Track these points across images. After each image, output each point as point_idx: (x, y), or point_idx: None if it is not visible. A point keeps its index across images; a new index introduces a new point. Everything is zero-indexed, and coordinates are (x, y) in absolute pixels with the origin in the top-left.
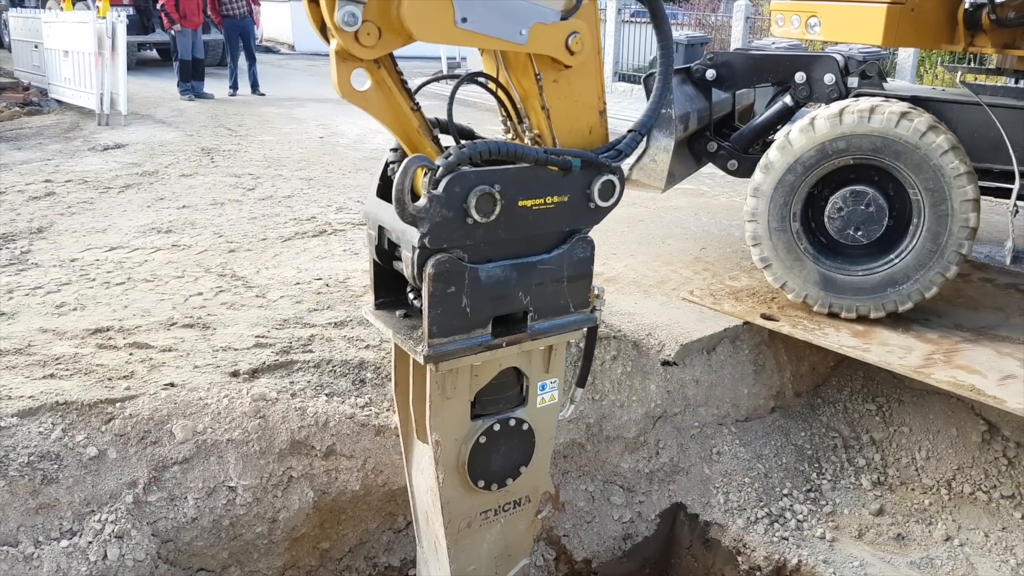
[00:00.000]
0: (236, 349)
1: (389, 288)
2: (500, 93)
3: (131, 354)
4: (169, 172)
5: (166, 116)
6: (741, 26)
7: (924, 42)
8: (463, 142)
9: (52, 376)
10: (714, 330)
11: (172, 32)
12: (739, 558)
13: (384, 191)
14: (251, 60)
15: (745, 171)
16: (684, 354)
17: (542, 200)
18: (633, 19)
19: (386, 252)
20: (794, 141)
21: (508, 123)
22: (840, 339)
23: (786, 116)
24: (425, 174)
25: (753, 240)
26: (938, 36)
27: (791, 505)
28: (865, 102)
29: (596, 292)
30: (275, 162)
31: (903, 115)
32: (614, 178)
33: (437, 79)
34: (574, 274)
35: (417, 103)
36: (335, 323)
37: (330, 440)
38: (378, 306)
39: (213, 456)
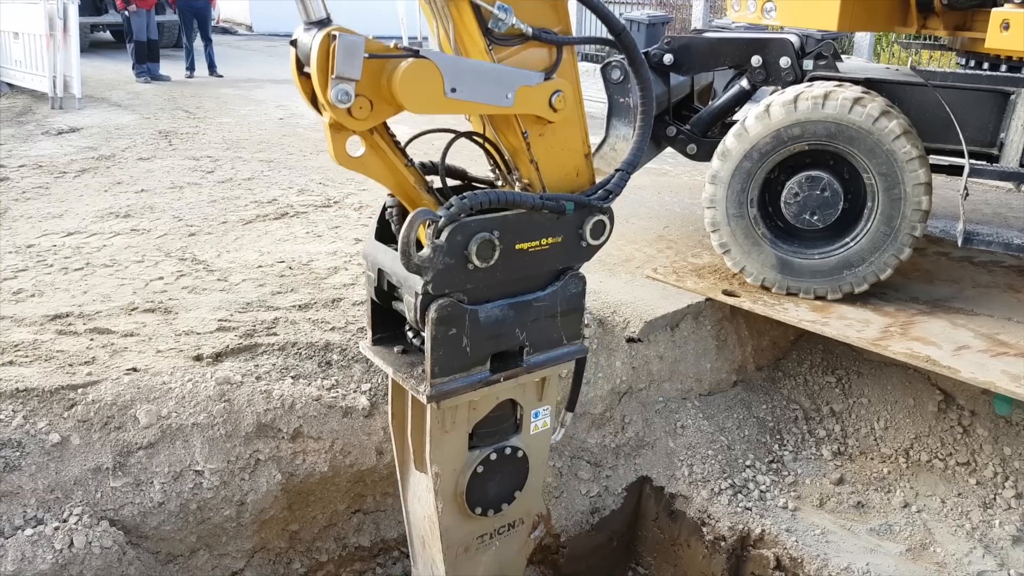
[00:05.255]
0: (199, 333)
1: (386, 324)
2: (489, 147)
3: (92, 340)
4: (126, 156)
5: (122, 99)
6: (701, 5)
7: (878, 25)
8: (465, 194)
9: (11, 363)
10: (677, 307)
11: (126, 13)
12: (704, 528)
13: (382, 234)
14: (207, 41)
15: (704, 155)
16: (648, 331)
17: (538, 242)
18: None
19: (385, 293)
20: (750, 128)
21: (497, 171)
22: (799, 314)
23: (743, 99)
24: (428, 225)
25: (712, 226)
26: (891, 19)
27: (754, 476)
28: (819, 88)
29: (585, 322)
30: (234, 144)
31: (856, 101)
32: (604, 218)
33: (425, 133)
34: (567, 309)
35: (410, 159)
36: (299, 306)
37: (297, 422)
38: (375, 342)
39: (178, 440)
